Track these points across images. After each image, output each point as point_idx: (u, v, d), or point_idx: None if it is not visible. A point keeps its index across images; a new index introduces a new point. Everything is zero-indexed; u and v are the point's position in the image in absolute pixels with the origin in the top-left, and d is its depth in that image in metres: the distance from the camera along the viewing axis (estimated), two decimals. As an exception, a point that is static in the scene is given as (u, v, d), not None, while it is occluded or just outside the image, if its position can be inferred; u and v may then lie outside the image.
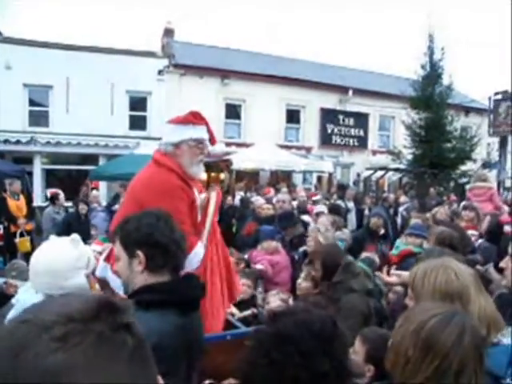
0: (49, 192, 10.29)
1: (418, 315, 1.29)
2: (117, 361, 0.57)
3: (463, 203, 6.36)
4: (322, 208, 6.47)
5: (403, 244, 5.03)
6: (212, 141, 2.77)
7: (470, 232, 4.55)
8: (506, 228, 4.10)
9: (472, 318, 1.45)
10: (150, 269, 1.62)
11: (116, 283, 2.53)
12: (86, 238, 6.66)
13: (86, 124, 13.61)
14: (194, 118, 2.62)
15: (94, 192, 9.72)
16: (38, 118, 14.42)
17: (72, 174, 14.74)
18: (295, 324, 1.20)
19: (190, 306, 1.68)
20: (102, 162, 14.20)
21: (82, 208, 8.07)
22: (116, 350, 0.58)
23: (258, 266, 4.25)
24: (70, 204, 9.27)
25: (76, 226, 6.98)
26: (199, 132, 2.61)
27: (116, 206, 8.43)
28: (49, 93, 14.38)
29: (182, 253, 1.74)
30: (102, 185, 13.14)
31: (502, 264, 1.88)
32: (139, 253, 1.61)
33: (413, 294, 1.64)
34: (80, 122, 13.56)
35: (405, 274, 2.30)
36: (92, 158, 14.29)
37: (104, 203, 9.70)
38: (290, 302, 3.49)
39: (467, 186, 8.26)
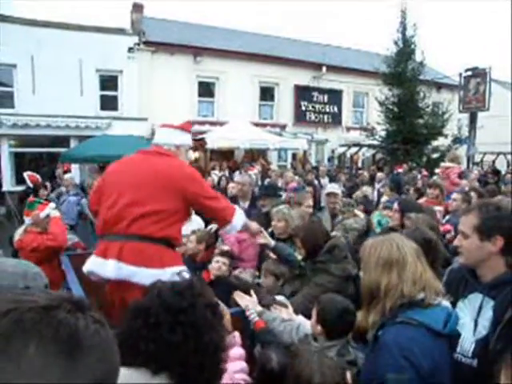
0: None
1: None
2: None
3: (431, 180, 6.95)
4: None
5: (379, 215, 5.22)
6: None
7: (436, 208, 4.82)
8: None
9: (407, 281, 1.73)
10: None
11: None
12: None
13: (54, 105, 13.17)
14: (188, 128, 3.22)
15: (68, 175, 9.29)
16: (2, 98, 13.72)
17: (42, 157, 14.36)
18: (152, 296, 1.19)
19: None
20: (73, 143, 13.87)
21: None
22: None
23: (225, 247, 4.32)
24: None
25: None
26: (190, 140, 3.20)
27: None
28: (12, 72, 13.70)
29: None
30: (74, 167, 12.83)
31: (455, 242, 2.05)
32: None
33: (362, 265, 1.89)
34: (48, 103, 13.10)
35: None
36: (63, 140, 13.93)
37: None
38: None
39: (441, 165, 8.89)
